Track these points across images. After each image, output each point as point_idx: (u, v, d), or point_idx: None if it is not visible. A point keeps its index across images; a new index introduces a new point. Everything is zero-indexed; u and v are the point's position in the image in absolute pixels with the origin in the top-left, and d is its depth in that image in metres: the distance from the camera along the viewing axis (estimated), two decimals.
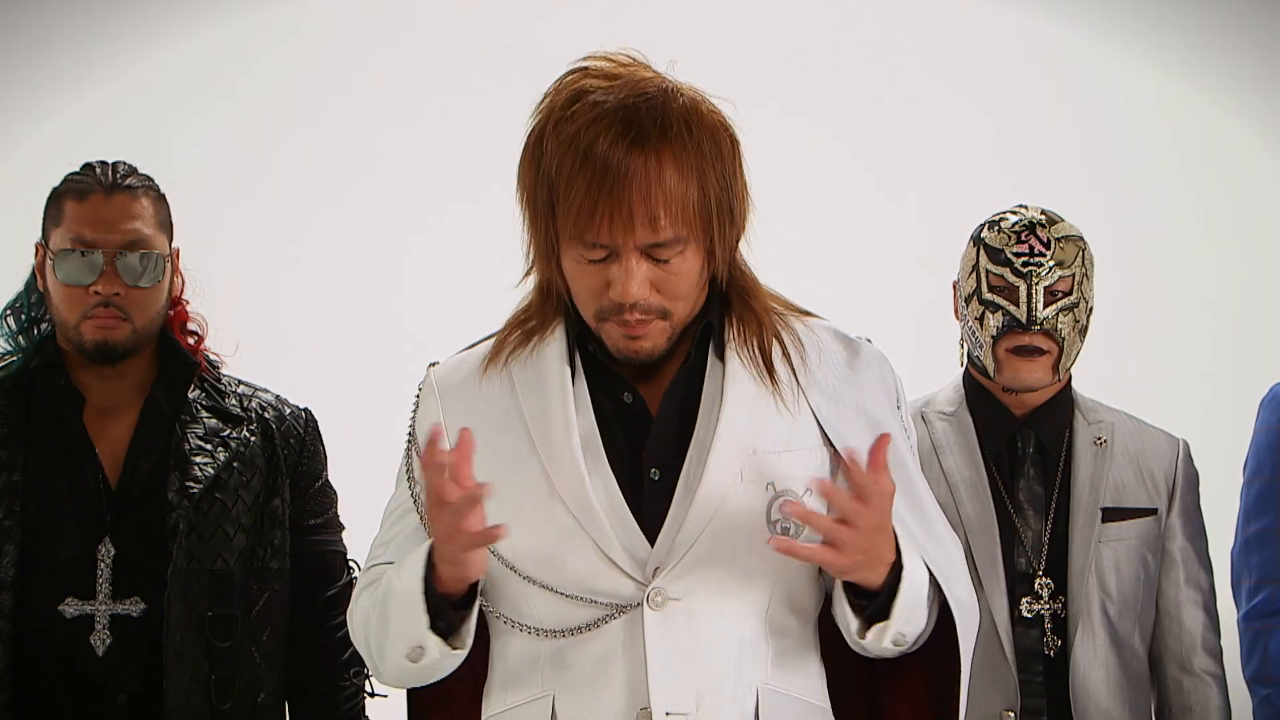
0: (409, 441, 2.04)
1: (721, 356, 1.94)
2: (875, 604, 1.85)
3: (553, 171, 1.84)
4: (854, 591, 1.87)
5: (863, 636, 1.87)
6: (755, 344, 1.94)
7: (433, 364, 2.07)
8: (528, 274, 1.97)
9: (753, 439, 1.90)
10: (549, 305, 1.98)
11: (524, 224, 1.92)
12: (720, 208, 1.86)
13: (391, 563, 1.95)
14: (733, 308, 1.96)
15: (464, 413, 1.97)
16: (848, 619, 1.88)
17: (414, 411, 2.05)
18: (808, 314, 2.04)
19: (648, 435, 1.91)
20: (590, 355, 1.94)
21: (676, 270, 1.85)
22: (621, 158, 1.80)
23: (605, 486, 1.89)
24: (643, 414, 1.92)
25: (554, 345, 1.96)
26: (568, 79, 1.88)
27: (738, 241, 1.95)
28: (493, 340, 2.03)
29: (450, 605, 1.85)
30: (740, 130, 1.93)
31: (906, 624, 1.86)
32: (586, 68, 1.89)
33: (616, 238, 1.82)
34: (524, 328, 1.99)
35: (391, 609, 1.87)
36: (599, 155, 1.80)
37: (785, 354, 1.95)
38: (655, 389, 1.94)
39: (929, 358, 3.06)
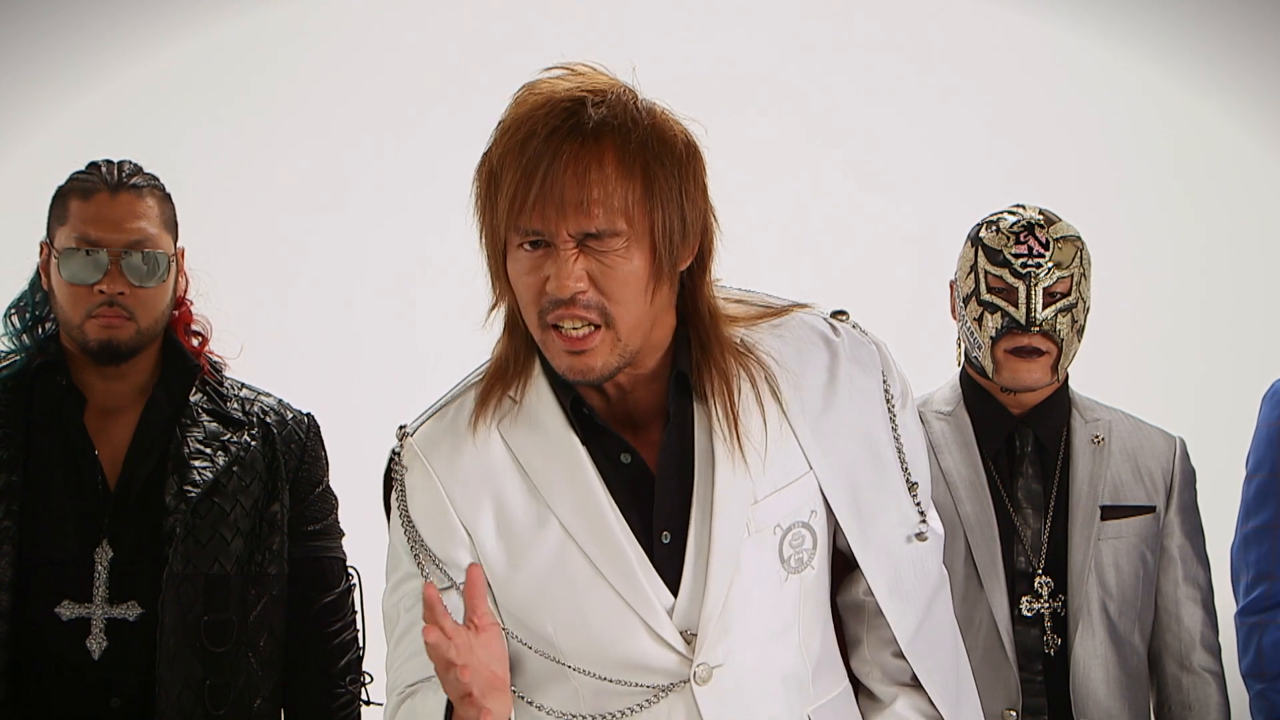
0: (405, 527, 1.92)
1: (705, 400, 1.89)
2: None
3: (495, 160, 1.80)
4: None
5: None
6: (725, 401, 1.88)
7: (402, 429, 1.97)
8: (494, 306, 1.90)
9: (751, 488, 1.88)
10: (518, 343, 1.91)
11: (479, 238, 1.86)
12: (667, 211, 1.79)
13: (423, 680, 1.89)
14: (698, 356, 1.89)
15: (467, 489, 1.90)
16: None
17: (395, 488, 1.95)
18: (785, 310, 1.98)
19: (651, 497, 1.88)
20: (584, 417, 1.89)
21: (615, 267, 1.77)
22: (559, 142, 1.75)
23: (641, 564, 1.86)
24: (642, 473, 1.89)
25: (547, 408, 1.90)
26: (524, 85, 1.83)
27: (699, 266, 1.88)
28: (471, 396, 1.95)
29: None
30: (708, 147, 1.86)
31: None
32: (542, 77, 1.84)
33: (550, 224, 1.75)
34: (502, 379, 1.92)
35: None
36: (537, 139, 1.75)
37: (767, 390, 1.90)
38: (646, 443, 1.90)
39: (924, 357, 3.06)
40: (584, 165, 1.75)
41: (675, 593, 1.86)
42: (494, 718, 1.72)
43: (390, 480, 1.96)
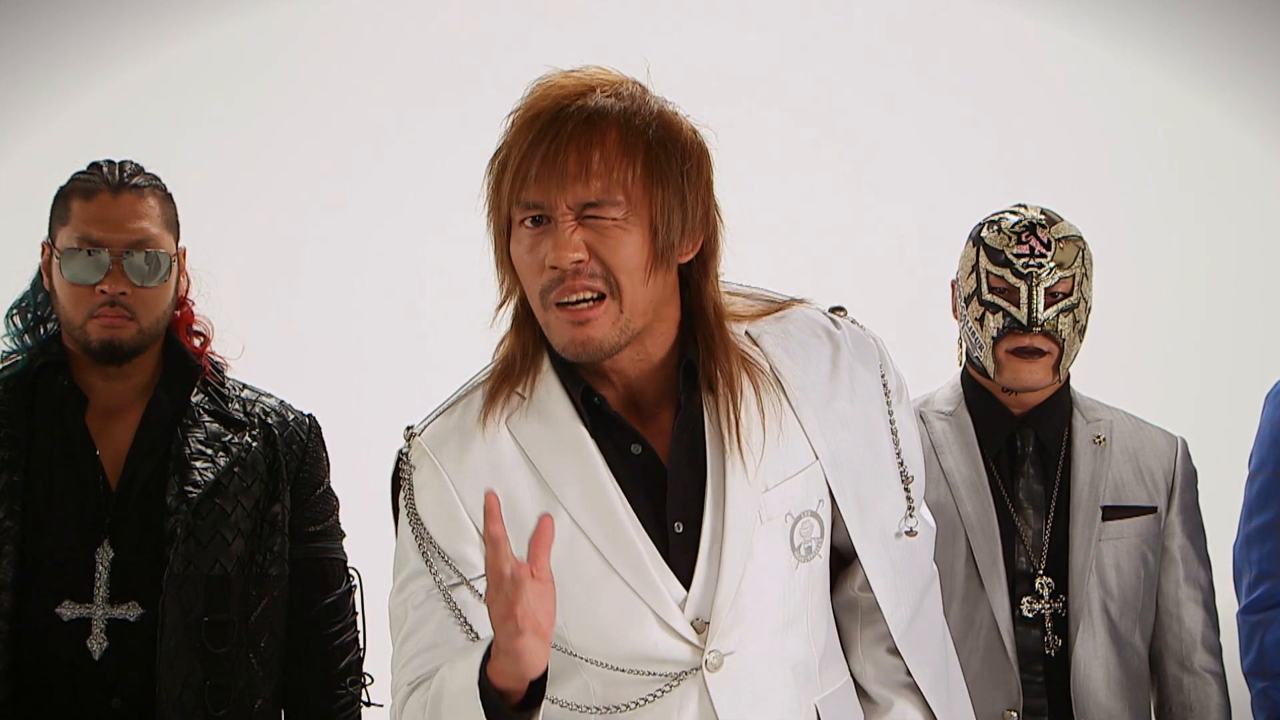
0: (412, 525, 1.92)
1: (713, 391, 1.90)
2: None
3: (504, 147, 1.84)
4: None
5: None
6: (728, 396, 1.89)
7: (410, 430, 1.97)
8: (502, 303, 1.92)
9: (762, 478, 1.89)
10: (526, 338, 1.92)
11: (486, 227, 1.89)
12: (667, 193, 1.82)
13: (436, 668, 1.87)
14: (704, 352, 1.91)
15: (476, 485, 1.90)
16: None
17: (403, 487, 1.94)
18: (787, 305, 2.01)
19: (662, 488, 1.89)
20: (595, 408, 1.90)
21: (615, 239, 1.80)
22: (564, 120, 1.80)
23: (650, 555, 1.87)
24: (653, 464, 1.90)
25: (556, 400, 1.91)
26: (537, 81, 1.87)
27: (702, 263, 1.89)
28: (479, 394, 1.95)
29: (511, 707, 1.74)
30: (716, 149, 1.89)
31: None
32: (555, 73, 1.88)
33: (550, 196, 1.79)
34: (510, 376, 1.93)
35: (445, 709, 1.79)
36: (544, 118, 1.80)
37: (772, 382, 1.92)
38: (654, 434, 1.91)
39: (924, 357, 3.06)
40: (586, 141, 1.79)
41: (689, 582, 1.87)
42: (534, 657, 1.69)
43: (398, 481, 1.96)
